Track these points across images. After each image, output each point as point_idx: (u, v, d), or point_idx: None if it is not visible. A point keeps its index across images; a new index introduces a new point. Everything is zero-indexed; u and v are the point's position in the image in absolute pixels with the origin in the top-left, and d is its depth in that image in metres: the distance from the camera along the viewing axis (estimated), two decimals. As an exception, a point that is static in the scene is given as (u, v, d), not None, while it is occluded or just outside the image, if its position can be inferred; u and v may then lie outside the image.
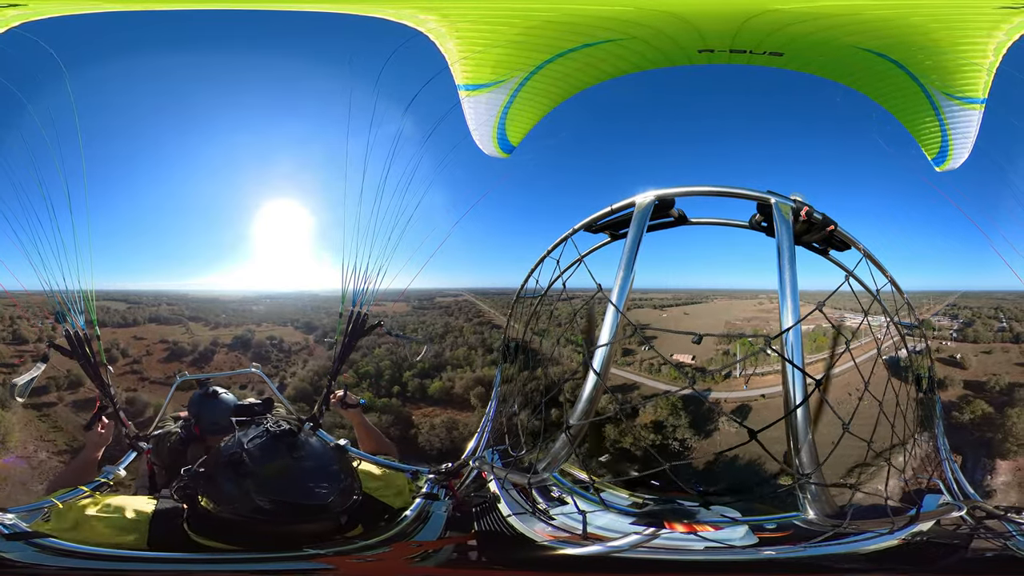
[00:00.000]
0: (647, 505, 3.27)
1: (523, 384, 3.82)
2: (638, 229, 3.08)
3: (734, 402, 4.85)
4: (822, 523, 2.88)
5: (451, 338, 5.84)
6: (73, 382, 5.43)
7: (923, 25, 3.79)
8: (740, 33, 3.83)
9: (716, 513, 3.14)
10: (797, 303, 2.86)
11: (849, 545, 2.87)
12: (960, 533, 3.11)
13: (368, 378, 5.55)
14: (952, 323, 5.49)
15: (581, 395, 2.95)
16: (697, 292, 5.56)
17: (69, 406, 5.40)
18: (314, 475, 2.79)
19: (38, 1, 3.91)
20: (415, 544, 3.03)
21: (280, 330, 5.73)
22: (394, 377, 5.58)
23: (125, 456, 3.82)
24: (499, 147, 4.17)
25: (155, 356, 5.74)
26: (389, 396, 5.52)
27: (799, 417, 2.79)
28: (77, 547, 2.81)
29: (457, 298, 5.79)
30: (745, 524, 3.04)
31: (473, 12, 3.82)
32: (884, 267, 3.30)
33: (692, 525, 3.06)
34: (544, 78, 3.97)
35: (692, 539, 2.97)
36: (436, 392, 5.56)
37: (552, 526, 3.02)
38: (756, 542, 2.96)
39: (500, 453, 3.62)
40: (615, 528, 3.03)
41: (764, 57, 3.89)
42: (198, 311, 5.77)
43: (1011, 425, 4.86)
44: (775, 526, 3.04)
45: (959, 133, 3.97)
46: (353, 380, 5.42)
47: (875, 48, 3.88)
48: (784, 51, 3.87)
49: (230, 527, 2.80)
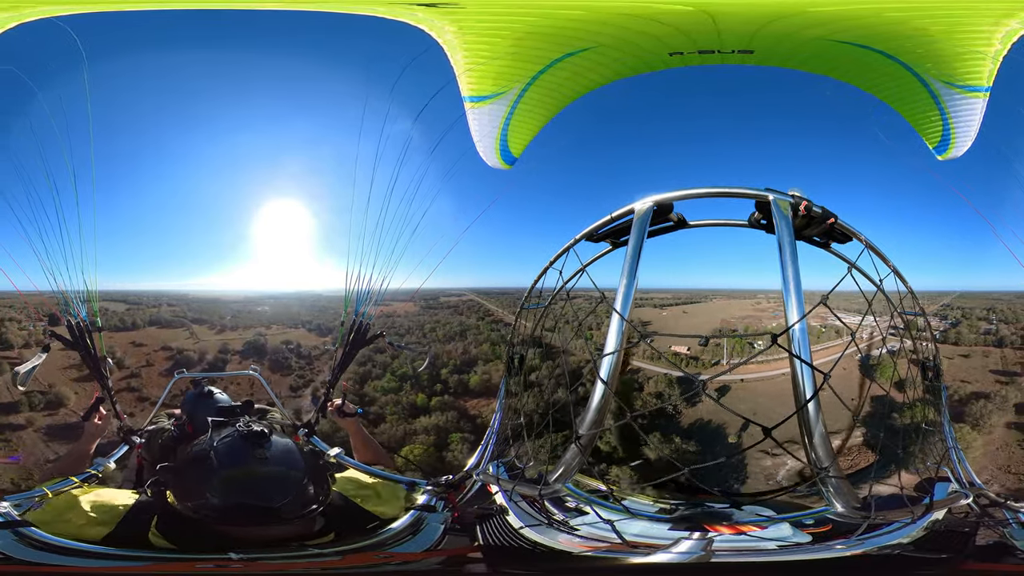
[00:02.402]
0: (676, 510, 3.25)
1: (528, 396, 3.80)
2: (638, 236, 3.08)
3: (718, 383, 5.02)
4: (852, 515, 2.90)
5: (472, 335, 5.86)
6: (51, 401, 5.07)
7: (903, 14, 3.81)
8: (700, 33, 3.84)
9: (751, 513, 3.13)
10: (801, 298, 2.85)
11: (887, 537, 2.88)
12: (969, 521, 3.14)
13: (408, 379, 5.48)
14: (940, 324, 5.52)
15: (590, 404, 2.94)
16: (697, 292, 5.66)
17: (40, 432, 5.02)
18: (272, 480, 2.82)
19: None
20: (382, 555, 3.01)
21: (293, 333, 5.52)
22: (433, 377, 5.55)
23: (117, 449, 3.83)
24: (502, 159, 4.17)
25: (156, 367, 5.43)
26: (441, 394, 5.48)
27: (810, 411, 2.78)
28: (52, 539, 2.88)
29: (461, 298, 5.81)
30: (785, 521, 3.04)
31: (479, 23, 3.82)
32: (887, 257, 3.31)
33: (736, 526, 3.06)
34: (539, 89, 3.98)
35: (748, 540, 2.96)
36: (476, 385, 5.59)
37: (580, 536, 2.99)
38: (810, 539, 2.97)
39: (506, 466, 3.58)
40: (653, 535, 3.02)
41: (735, 56, 3.90)
42: (201, 312, 5.58)
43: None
44: (812, 522, 3.04)
45: (961, 121, 3.98)
46: (395, 384, 5.37)
47: (851, 39, 3.89)
48: (753, 48, 3.88)
49: (187, 527, 2.84)
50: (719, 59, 3.93)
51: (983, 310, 5.59)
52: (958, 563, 2.97)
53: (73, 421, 4.80)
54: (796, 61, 3.98)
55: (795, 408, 2.74)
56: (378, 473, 3.46)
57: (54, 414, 5.07)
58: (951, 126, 4.02)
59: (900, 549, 2.89)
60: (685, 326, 5.60)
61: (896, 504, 3.02)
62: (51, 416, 5.06)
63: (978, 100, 3.94)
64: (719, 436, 4.75)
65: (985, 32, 3.80)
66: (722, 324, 5.52)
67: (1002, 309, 5.56)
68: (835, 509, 2.95)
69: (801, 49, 3.93)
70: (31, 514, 2.98)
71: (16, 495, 3.13)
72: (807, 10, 3.80)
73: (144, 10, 4.06)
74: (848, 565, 2.87)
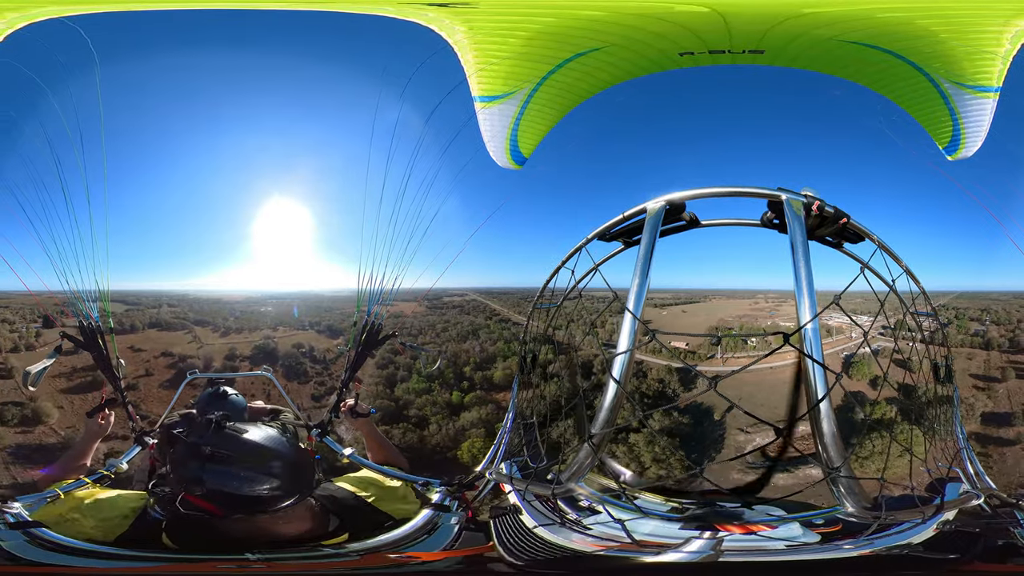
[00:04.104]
0: (687, 510, 3.26)
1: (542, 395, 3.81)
2: (651, 235, 3.07)
3: (711, 373, 5.17)
4: (862, 515, 2.90)
5: (484, 334, 5.80)
6: (28, 417, 4.61)
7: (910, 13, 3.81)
8: (712, 33, 3.84)
9: (762, 512, 3.14)
10: (814, 298, 2.85)
11: (897, 537, 2.88)
12: (979, 521, 3.13)
13: (434, 379, 5.40)
14: (930, 323, 5.46)
15: (602, 404, 2.94)
16: (696, 292, 5.70)
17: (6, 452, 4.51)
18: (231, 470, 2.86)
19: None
20: (402, 555, 3.03)
21: (303, 336, 5.31)
22: (459, 374, 5.48)
23: (129, 450, 3.81)
24: (512, 159, 4.18)
25: (157, 377, 5.13)
26: (471, 390, 5.42)
27: (823, 411, 2.78)
28: (63, 540, 2.89)
29: (464, 297, 5.77)
30: (795, 521, 3.05)
31: (489, 24, 3.83)
32: (899, 257, 3.30)
33: (747, 526, 3.07)
34: (549, 89, 3.98)
35: (758, 539, 2.97)
36: (501, 379, 5.50)
37: (592, 536, 3.00)
38: (819, 539, 2.98)
39: (519, 465, 3.59)
40: (664, 534, 3.02)
41: (746, 56, 3.90)
42: (203, 314, 5.36)
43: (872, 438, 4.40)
44: (823, 521, 3.04)
45: (971, 121, 3.98)
46: (423, 384, 5.35)
47: (861, 39, 3.89)
48: (764, 48, 3.88)
49: (199, 527, 2.86)
50: (729, 59, 3.93)
51: (978, 310, 5.54)
52: (967, 563, 2.97)
53: (49, 442, 4.65)
54: (805, 61, 3.98)
55: (786, 403, 2.75)
56: (392, 473, 3.48)
57: (28, 432, 4.70)
58: (961, 126, 4.02)
59: (909, 549, 2.90)
60: (684, 325, 5.64)
61: (907, 504, 3.01)
62: (24, 434, 4.67)
63: (988, 100, 3.95)
64: (708, 413, 4.80)
65: (994, 32, 3.81)
66: (719, 323, 5.58)
67: (997, 310, 5.50)
68: (845, 509, 2.94)
69: (811, 49, 3.93)
70: (42, 515, 3.00)
71: (28, 496, 3.14)
72: (817, 10, 3.80)
73: (149, 10, 4.07)
74: (857, 565, 2.88)
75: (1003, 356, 5.32)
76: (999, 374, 5.25)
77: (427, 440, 5.09)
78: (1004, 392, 5.08)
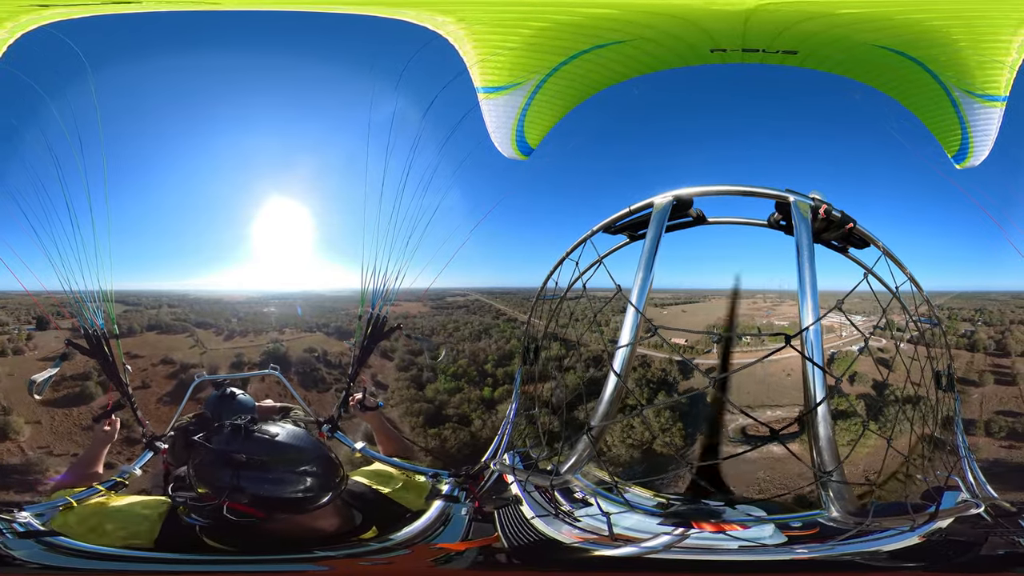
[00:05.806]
0: (672, 505, 3.27)
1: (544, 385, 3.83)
2: (657, 230, 3.06)
3: (707, 366, 5.48)
4: (845, 521, 2.88)
5: (495, 333, 5.80)
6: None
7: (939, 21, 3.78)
8: (750, 32, 3.83)
9: (742, 512, 3.15)
10: (817, 301, 2.84)
11: (872, 543, 2.88)
12: (977, 531, 3.12)
13: (459, 378, 5.45)
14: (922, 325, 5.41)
15: (602, 396, 2.94)
16: (696, 292, 5.75)
17: None
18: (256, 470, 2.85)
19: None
20: (436, 548, 3.04)
21: (312, 338, 5.19)
22: (481, 371, 5.47)
23: (141, 455, 3.83)
24: (518, 149, 4.18)
25: (155, 390, 4.88)
26: (498, 385, 5.42)
27: (819, 415, 2.78)
28: (85, 546, 2.87)
29: (467, 297, 5.76)
30: (771, 523, 3.05)
31: (488, 15, 3.82)
32: (904, 265, 3.30)
33: (720, 524, 3.07)
34: (560, 80, 3.97)
35: (723, 539, 2.97)
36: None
37: (578, 528, 3.03)
38: (786, 541, 2.97)
39: (521, 456, 3.62)
40: (643, 529, 3.04)
41: (778, 56, 3.89)
42: (204, 315, 5.23)
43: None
44: (800, 524, 3.05)
45: (980, 130, 3.97)
46: (451, 384, 5.37)
47: (891, 45, 3.87)
48: (798, 49, 3.86)
49: (236, 529, 2.86)
50: (760, 58, 3.92)
51: (972, 311, 5.46)
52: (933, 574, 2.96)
53: (14, 461, 4.56)
54: (833, 63, 3.97)
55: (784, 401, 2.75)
56: (404, 465, 3.53)
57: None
58: (970, 135, 4.01)
59: (869, 558, 2.89)
60: (683, 324, 5.72)
61: (898, 511, 3.01)
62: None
63: (996, 109, 3.94)
64: (701, 396, 4.85)
65: (1004, 41, 3.79)
66: (717, 322, 5.59)
67: (992, 311, 5.41)
68: (828, 513, 2.91)
69: (843, 52, 3.92)
70: (57, 523, 2.98)
71: (39, 505, 3.13)
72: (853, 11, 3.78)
73: (144, 12, 4.08)
74: (809, 568, 2.88)
75: (987, 359, 5.26)
76: (978, 378, 5.17)
77: (478, 435, 5.11)
78: (978, 398, 5.02)
